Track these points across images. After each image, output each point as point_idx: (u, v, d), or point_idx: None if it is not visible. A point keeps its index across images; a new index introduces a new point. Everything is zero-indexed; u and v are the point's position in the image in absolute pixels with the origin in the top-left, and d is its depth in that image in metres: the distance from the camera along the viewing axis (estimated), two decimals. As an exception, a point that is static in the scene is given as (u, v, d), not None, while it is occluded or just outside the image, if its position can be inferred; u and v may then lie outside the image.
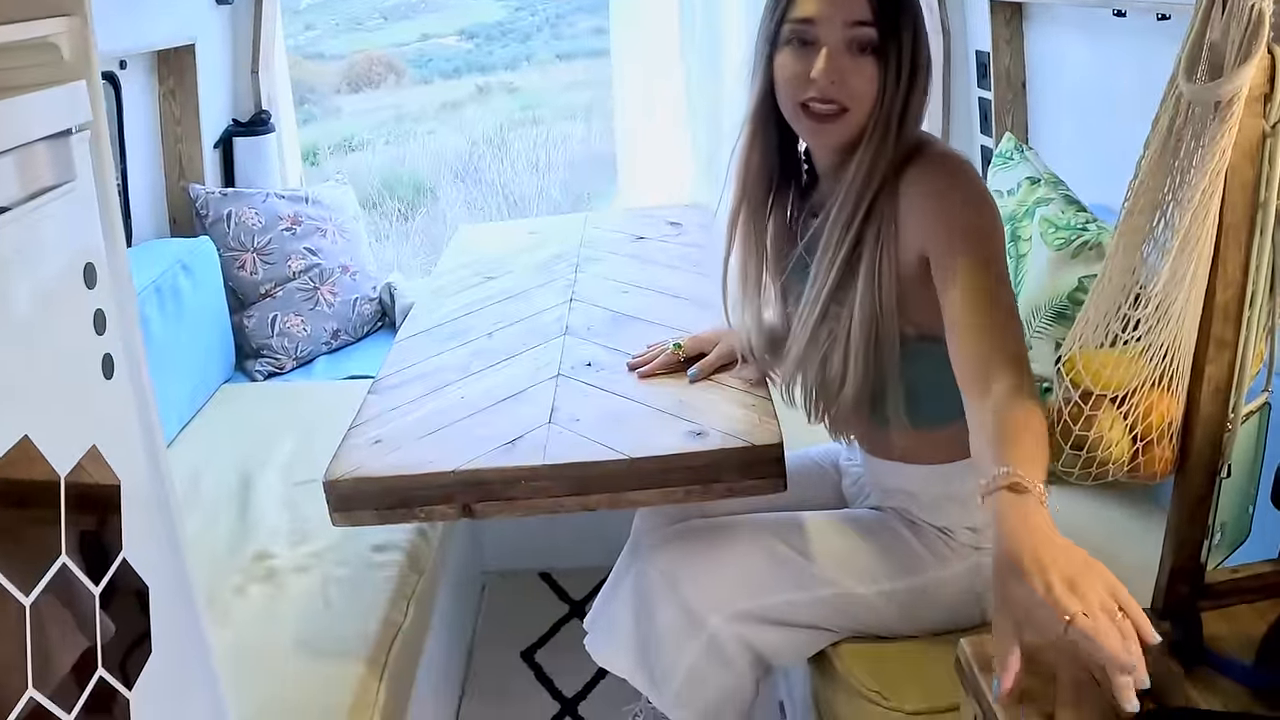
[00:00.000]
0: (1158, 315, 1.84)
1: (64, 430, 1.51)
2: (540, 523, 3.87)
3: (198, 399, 4.24)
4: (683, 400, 2.73)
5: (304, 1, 15.64)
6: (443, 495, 2.54)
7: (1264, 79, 1.73)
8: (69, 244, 1.62)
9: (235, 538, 3.33)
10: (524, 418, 2.73)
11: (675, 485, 2.51)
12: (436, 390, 2.95)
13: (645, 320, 3.25)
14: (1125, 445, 1.95)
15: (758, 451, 2.48)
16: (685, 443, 2.53)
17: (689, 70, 5.25)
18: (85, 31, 1.75)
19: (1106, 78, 3.92)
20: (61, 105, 1.64)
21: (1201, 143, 1.75)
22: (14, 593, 1.31)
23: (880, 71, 2.36)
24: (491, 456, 2.56)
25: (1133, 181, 1.89)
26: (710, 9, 5.12)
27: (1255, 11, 1.67)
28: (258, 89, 5.18)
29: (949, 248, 2.28)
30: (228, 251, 4.61)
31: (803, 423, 2.67)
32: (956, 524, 2.57)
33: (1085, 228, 3.19)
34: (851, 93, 2.37)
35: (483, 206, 10.91)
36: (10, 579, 1.30)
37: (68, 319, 1.59)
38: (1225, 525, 2.03)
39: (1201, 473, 1.96)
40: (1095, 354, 1.93)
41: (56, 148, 1.62)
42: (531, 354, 3.10)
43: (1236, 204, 1.80)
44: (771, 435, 2.53)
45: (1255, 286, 1.86)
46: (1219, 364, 1.89)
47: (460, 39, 16.41)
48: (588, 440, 2.59)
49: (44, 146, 1.59)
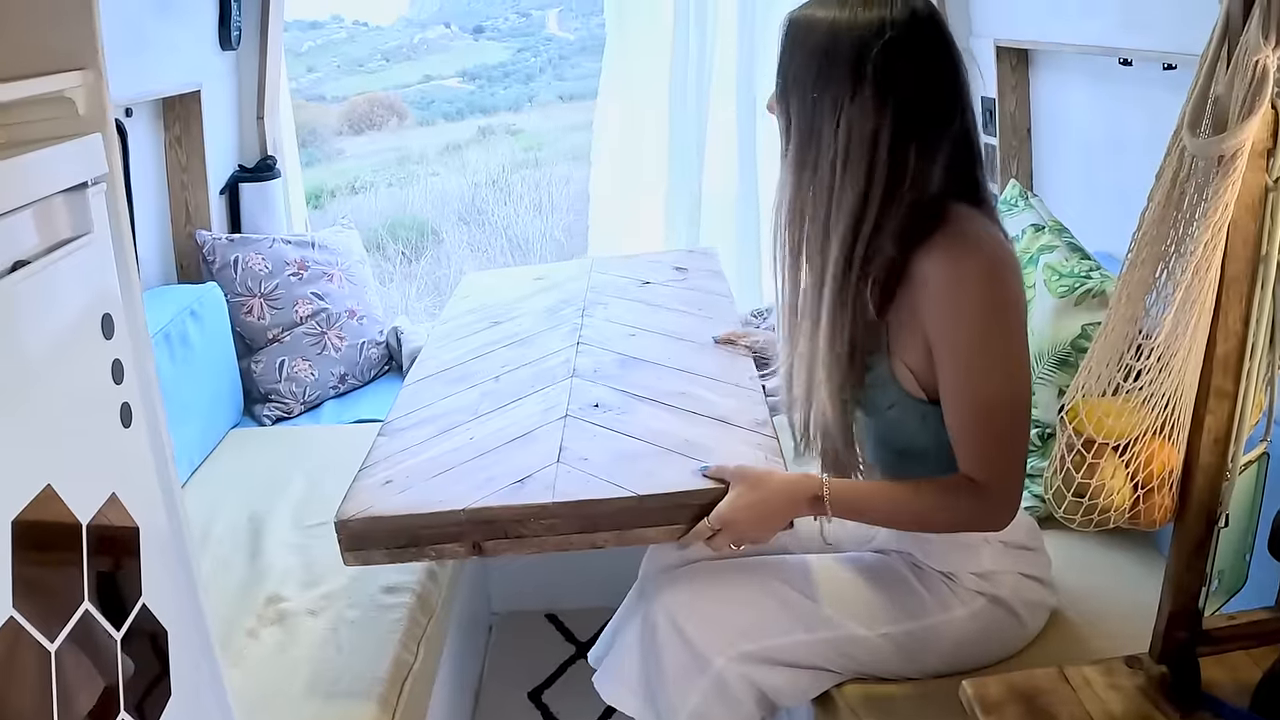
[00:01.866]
0: (1159, 365, 1.87)
1: (85, 478, 1.53)
2: (546, 564, 3.89)
3: (207, 444, 4.25)
4: (690, 439, 2.75)
5: (305, 44, 15.65)
6: (453, 534, 2.56)
7: (1267, 134, 1.75)
8: (87, 295, 1.64)
9: (247, 581, 3.33)
10: (532, 457, 2.75)
11: (682, 523, 2.53)
12: (445, 432, 2.97)
13: (652, 363, 3.27)
14: (1126, 493, 1.97)
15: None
16: (692, 481, 2.55)
17: (673, 117, 5.27)
18: (99, 85, 1.77)
19: (1112, 126, 3.94)
20: (78, 159, 1.67)
21: (1204, 196, 1.77)
22: (40, 639, 1.33)
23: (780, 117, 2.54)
24: (501, 495, 2.58)
25: (1136, 233, 1.91)
26: (703, 51, 5.14)
27: (1260, 67, 1.69)
28: (263, 134, 5.19)
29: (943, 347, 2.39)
30: (235, 297, 4.63)
31: (810, 463, 2.69)
32: (960, 569, 2.59)
33: (1089, 275, 3.21)
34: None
35: (486, 249, 10.89)
36: (36, 626, 1.33)
37: (86, 369, 1.62)
38: (1223, 573, 2.05)
39: (1200, 521, 1.98)
40: (1098, 403, 1.95)
41: (74, 201, 1.65)
42: (539, 396, 3.12)
43: (1238, 257, 1.82)
44: None
45: (1255, 338, 1.88)
46: (1219, 414, 1.91)
47: (462, 80, 16.38)
48: (596, 479, 2.60)
49: (62, 200, 1.62)
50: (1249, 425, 1.95)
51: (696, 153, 5.25)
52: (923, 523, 2.54)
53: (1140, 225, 1.90)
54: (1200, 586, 2.01)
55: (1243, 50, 1.73)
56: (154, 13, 4.14)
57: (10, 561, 1.31)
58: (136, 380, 1.74)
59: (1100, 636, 2.69)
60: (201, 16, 4.63)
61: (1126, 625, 2.58)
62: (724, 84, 5.19)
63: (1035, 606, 2.65)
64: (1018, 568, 2.59)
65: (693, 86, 5.19)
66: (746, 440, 2.74)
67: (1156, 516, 2.00)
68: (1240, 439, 1.94)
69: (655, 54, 5.23)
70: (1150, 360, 1.87)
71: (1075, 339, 3.13)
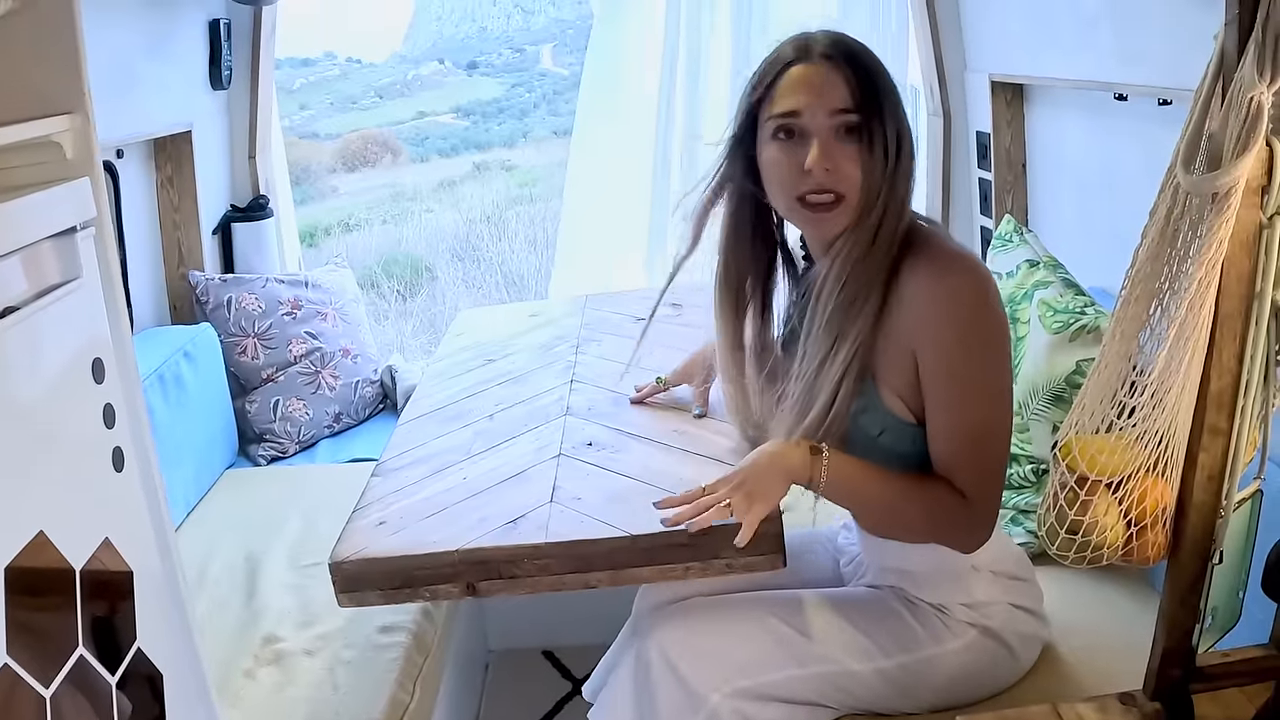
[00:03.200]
0: (1153, 402, 1.87)
1: (77, 524, 1.53)
2: (542, 601, 3.88)
3: (202, 484, 4.25)
4: (683, 478, 2.75)
5: (298, 81, 15.69)
6: (447, 575, 2.55)
7: (1262, 171, 1.75)
8: (77, 340, 1.64)
9: (243, 621, 3.34)
10: (526, 497, 2.74)
11: (675, 562, 2.52)
12: (439, 472, 2.97)
13: (646, 400, 3.28)
14: (1120, 530, 1.97)
15: (757, 528, 2.51)
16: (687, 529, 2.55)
17: (658, 153, 5.27)
18: (87, 129, 1.78)
19: (1107, 161, 3.94)
20: (66, 203, 1.67)
21: (1198, 233, 1.78)
22: (35, 686, 1.34)
23: (867, 155, 2.39)
24: (494, 536, 2.58)
25: (1130, 270, 1.92)
26: (691, 88, 5.15)
27: (1254, 104, 1.69)
28: (255, 173, 5.20)
29: (936, 369, 2.38)
30: (229, 337, 4.64)
31: (802, 501, 2.68)
32: (952, 601, 2.58)
33: (1083, 311, 3.21)
34: (844, 179, 2.39)
35: (481, 285, 10.90)
36: (31, 672, 1.33)
37: (78, 414, 1.62)
38: (1216, 609, 2.05)
39: (1194, 558, 1.98)
40: (1091, 440, 1.95)
41: (62, 246, 1.65)
42: (533, 434, 3.12)
43: (1232, 294, 1.82)
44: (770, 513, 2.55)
45: (1249, 375, 1.88)
46: (1212, 451, 1.91)
47: (457, 116, 16.43)
48: (589, 518, 2.60)
49: (50, 245, 1.62)
50: (1243, 462, 1.95)
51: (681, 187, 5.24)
52: (905, 520, 2.54)
53: (1134, 262, 1.91)
54: (1194, 623, 2.01)
55: (1237, 87, 1.73)
56: (144, 53, 4.15)
57: (4, 608, 1.31)
58: (128, 424, 1.74)
59: (1094, 673, 2.69)
60: (192, 56, 4.64)
61: (1120, 661, 2.57)
62: (715, 116, 5.19)
63: (1028, 639, 2.64)
64: (1009, 598, 2.59)
65: (681, 114, 5.19)
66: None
67: (1150, 554, 2.00)
68: (1234, 476, 1.94)
69: (641, 83, 5.22)
70: (1144, 397, 1.87)
71: (1069, 375, 3.13)
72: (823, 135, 2.39)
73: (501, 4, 17.66)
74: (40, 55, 1.78)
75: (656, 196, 5.29)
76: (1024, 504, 3.23)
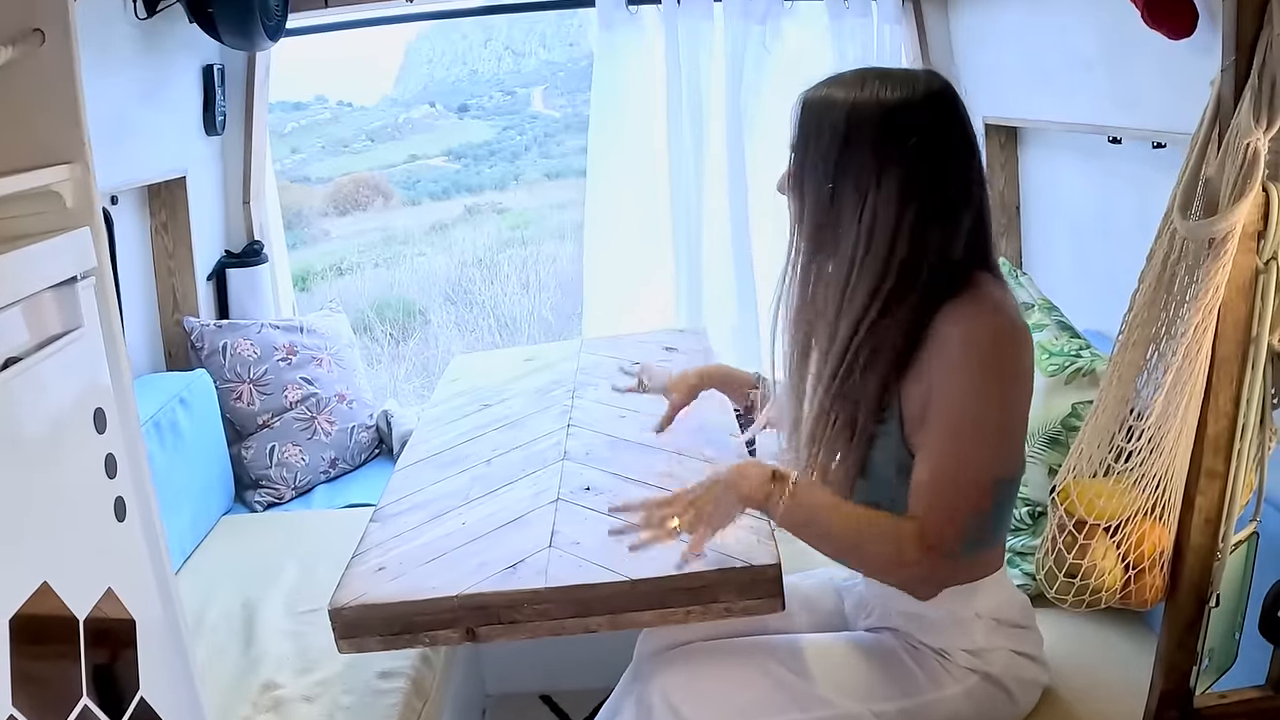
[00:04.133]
0: (1150, 447, 1.87)
1: (80, 573, 1.53)
2: (541, 645, 3.86)
3: (199, 531, 4.24)
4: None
5: (289, 125, 15.69)
6: (446, 620, 2.55)
7: (1258, 216, 1.76)
8: (79, 390, 1.65)
9: (242, 668, 3.33)
10: (525, 542, 2.74)
11: (675, 606, 2.52)
12: (437, 517, 2.96)
13: (643, 444, 3.28)
14: (1118, 573, 1.98)
15: (756, 572, 2.50)
16: (685, 564, 2.55)
17: (674, 192, 5.26)
18: (86, 179, 1.78)
19: (1101, 204, 3.96)
20: (67, 254, 1.67)
21: (1195, 278, 1.79)
22: (39, 737, 1.33)
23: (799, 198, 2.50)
24: (493, 581, 2.58)
25: (1127, 315, 1.93)
26: (696, 126, 5.16)
27: (1251, 150, 1.71)
28: (249, 219, 5.19)
29: (938, 403, 2.36)
30: (224, 383, 4.63)
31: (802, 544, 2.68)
32: (953, 645, 2.57)
33: (1079, 354, 3.21)
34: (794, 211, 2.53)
35: (474, 328, 10.90)
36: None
37: (80, 464, 1.62)
38: (1213, 651, 2.06)
39: (1191, 601, 1.99)
40: (1089, 484, 1.96)
41: (63, 296, 1.65)
42: (531, 479, 3.12)
43: (1229, 338, 1.83)
44: (769, 556, 2.54)
45: (1245, 419, 1.89)
46: (1209, 495, 1.92)
47: (448, 159, 16.42)
48: (588, 563, 2.60)
49: (51, 295, 1.62)
50: (1239, 505, 1.95)
51: (693, 230, 5.25)
52: (860, 552, 2.51)
53: (1131, 307, 1.92)
54: (1191, 665, 2.01)
55: (1234, 133, 1.74)
56: (139, 100, 4.16)
57: (9, 659, 1.31)
58: (130, 473, 1.74)
59: (1093, 715, 2.68)
60: (186, 103, 4.64)
61: (1118, 703, 2.58)
62: (716, 166, 5.20)
63: (1027, 684, 2.63)
64: (1010, 645, 2.58)
65: (690, 163, 5.19)
66: (739, 523, 2.73)
67: (1148, 596, 2.01)
68: (1231, 519, 1.95)
69: (647, 130, 5.22)
70: (1141, 441, 1.88)
71: (1066, 418, 3.14)
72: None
73: (492, 46, 17.70)
74: (40, 105, 1.78)
75: (678, 228, 5.28)
76: (1020, 546, 3.23)
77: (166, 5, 4.06)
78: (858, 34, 5.02)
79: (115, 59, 3.95)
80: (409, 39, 17.42)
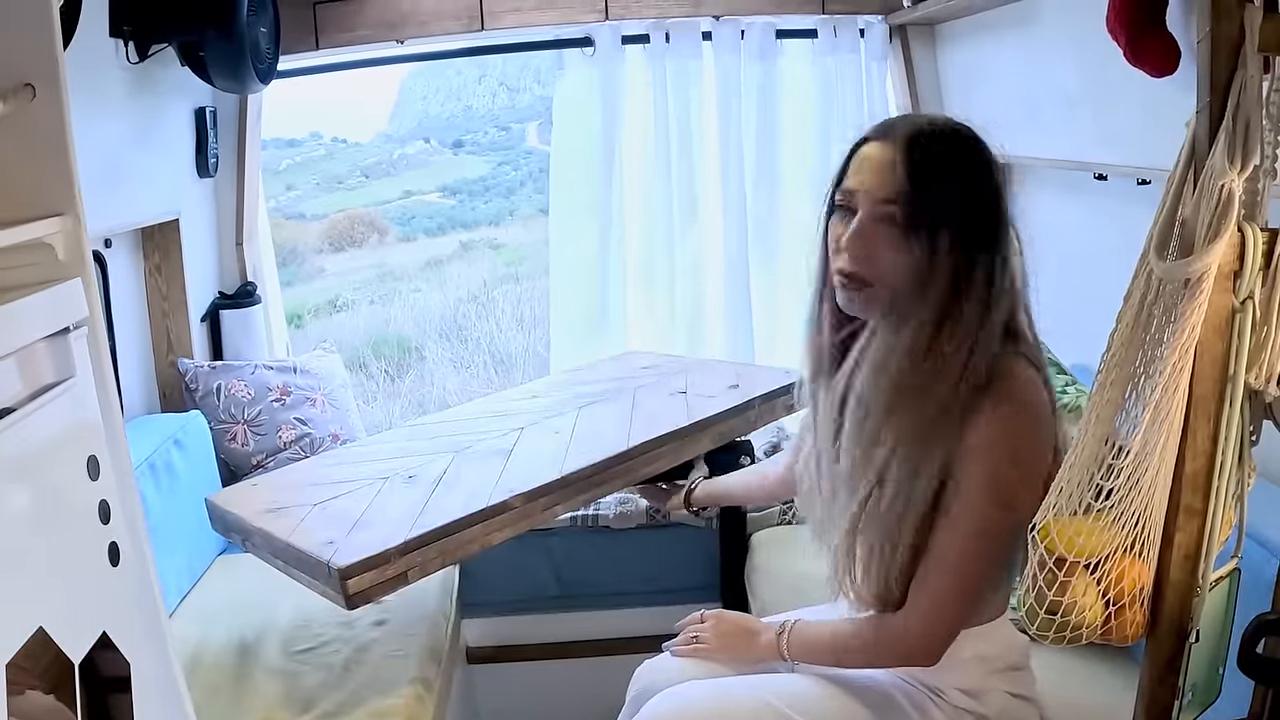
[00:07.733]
0: (1129, 484, 1.89)
1: (75, 619, 1.55)
2: (536, 685, 3.89)
3: (195, 571, 4.25)
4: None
5: (283, 162, 15.66)
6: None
7: (1234, 256, 1.78)
8: (72, 439, 1.66)
9: (237, 709, 3.33)
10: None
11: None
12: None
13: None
14: (1098, 610, 2.00)
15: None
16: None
17: (669, 224, 5.27)
18: (78, 230, 1.80)
19: (1087, 240, 3.98)
20: (59, 305, 1.69)
21: (1171, 318, 1.81)
22: (35, 786, 1.35)
23: (904, 250, 2.33)
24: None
25: (1105, 355, 1.95)
26: (685, 161, 5.17)
27: (1225, 191, 1.73)
28: (242, 260, 5.22)
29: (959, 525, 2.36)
30: (218, 424, 4.66)
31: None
32: (949, 685, 2.57)
33: (1065, 390, 3.24)
34: (876, 268, 2.36)
35: (470, 365, 10.86)
36: (32, 772, 1.34)
37: (74, 511, 1.64)
38: (1196, 686, 2.07)
39: (1171, 636, 2.01)
40: (1069, 521, 1.97)
41: (56, 346, 1.67)
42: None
43: (1206, 377, 1.85)
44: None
45: (1224, 456, 1.91)
46: (1188, 532, 1.94)
47: (443, 195, 16.38)
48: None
49: (44, 346, 1.64)
50: (1219, 541, 1.97)
51: (694, 255, 5.29)
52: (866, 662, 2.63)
53: (1109, 347, 1.94)
54: (1172, 700, 2.03)
55: (1209, 174, 1.77)
56: (131, 143, 4.17)
57: (5, 706, 1.33)
58: (124, 519, 1.76)
59: (1077, 749, 2.71)
60: (178, 145, 4.67)
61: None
62: (710, 194, 5.24)
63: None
64: (1006, 687, 2.58)
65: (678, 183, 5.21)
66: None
67: (1129, 633, 2.03)
68: (1210, 555, 1.96)
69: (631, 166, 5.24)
70: (1121, 479, 1.89)
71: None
72: (864, 218, 2.36)
73: (486, 82, 17.65)
74: (32, 158, 1.80)
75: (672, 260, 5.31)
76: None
77: (158, 49, 4.07)
78: (846, 70, 5.05)
79: (108, 103, 3.96)
80: (403, 76, 17.38)
